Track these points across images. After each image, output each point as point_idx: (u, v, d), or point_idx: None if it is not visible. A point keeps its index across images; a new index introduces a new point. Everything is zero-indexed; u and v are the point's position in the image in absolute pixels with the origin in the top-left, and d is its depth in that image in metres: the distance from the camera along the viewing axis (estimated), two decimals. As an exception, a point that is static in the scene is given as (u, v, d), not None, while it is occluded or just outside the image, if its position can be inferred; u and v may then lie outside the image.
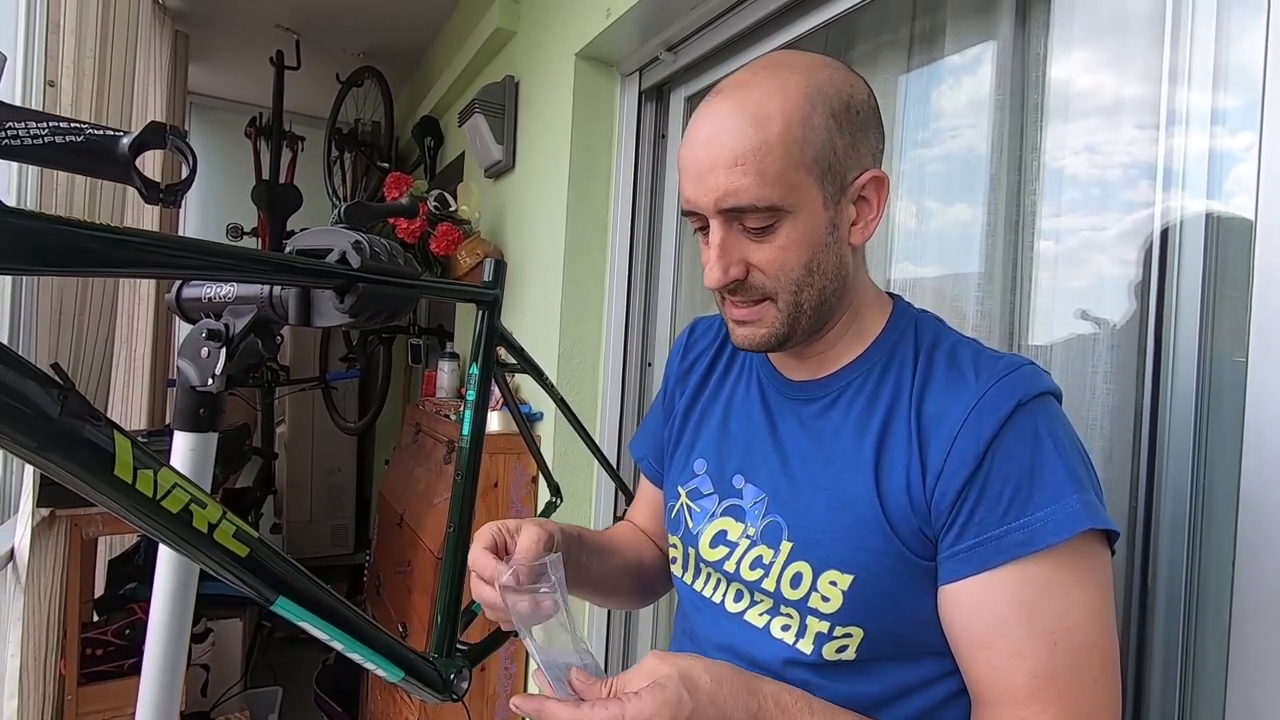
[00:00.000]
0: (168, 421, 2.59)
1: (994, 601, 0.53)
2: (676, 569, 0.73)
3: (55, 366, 0.39)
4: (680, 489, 0.73)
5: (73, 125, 0.38)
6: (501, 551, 0.63)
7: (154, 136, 0.40)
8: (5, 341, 1.41)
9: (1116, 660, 0.53)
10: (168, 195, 0.40)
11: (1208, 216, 0.77)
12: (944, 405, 0.57)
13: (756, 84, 0.57)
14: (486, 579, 0.60)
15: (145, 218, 2.31)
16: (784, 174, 0.55)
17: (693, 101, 1.64)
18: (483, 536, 0.64)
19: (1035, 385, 0.55)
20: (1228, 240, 0.76)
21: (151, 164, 2.28)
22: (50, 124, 0.38)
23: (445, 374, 2.22)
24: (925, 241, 1.13)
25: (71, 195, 1.37)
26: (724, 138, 0.56)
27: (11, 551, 1.36)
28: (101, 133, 0.39)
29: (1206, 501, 0.75)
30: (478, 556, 0.62)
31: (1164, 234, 0.80)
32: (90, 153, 0.39)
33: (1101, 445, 0.84)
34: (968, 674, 0.55)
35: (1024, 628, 0.52)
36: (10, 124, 0.36)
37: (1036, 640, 0.51)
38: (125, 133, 0.40)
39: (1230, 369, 0.74)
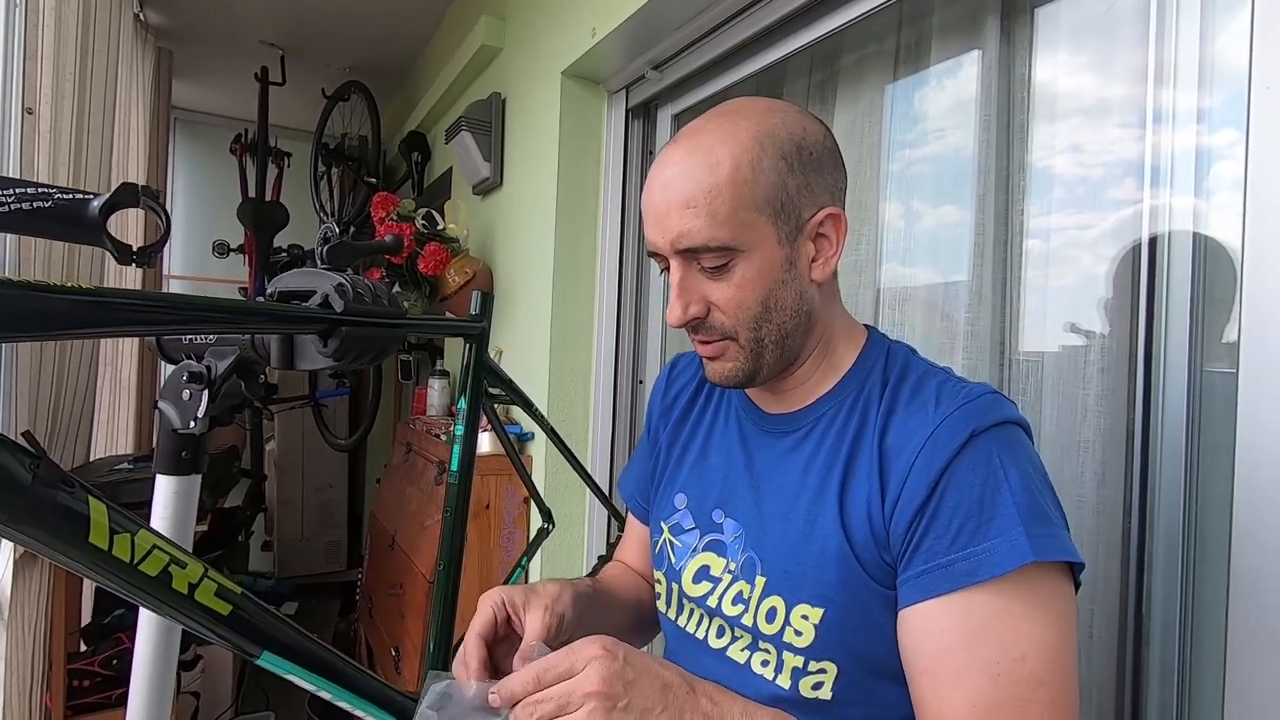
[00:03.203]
0: (154, 443, 2.56)
1: (940, 628, 0.53)
2: (661, 604, 0.73)
3: (27, 435, 0.38)
4: (663, 524, 0.73)
5: (40, 190, 0.37)
6: (500, 628, 0.61)
7: (126, 197, 0.39)
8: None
9: (1069, 699, 0.51)
10: (140, 257, 0.39)
11: (1195, 218, 0.77)
12: (904, 435, 0.57)
13: (708, 131, 0.60)
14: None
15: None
16: (735, 214, 0.57)
17: (680, 119, 1.64)
18: (481, 613, 0.60)
19: (993, 414, 0.55)
20: (1216, 248, 0.75)
21: (130, 217, 2.20)
22: (16, 190, 0.37)
23: (435, 391, 2.21)
24: (915, 254, 1.13)
25: (50, 254, 1.34)
26: (678, 182, 0.59)
27: (-7, 587, 1.34)
28: (71, 196, 0.38)
29: (1200, 524, 0.74)
30: (471, 649, 0.59)
31: (1152, 243, 0.80)
32: (59, 218, 0.38)
33: (1094, 469, 0.84)
34: (914, 699, 0.55)
35: (966, 656, 0.52)
36: (-25, 193, 0.35)
37: (978, 670, 0.51)
38: (95, 195, 0.39)
39: (1221, 382, 0.74)
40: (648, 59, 1.53)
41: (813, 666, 0.58)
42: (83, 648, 1.79)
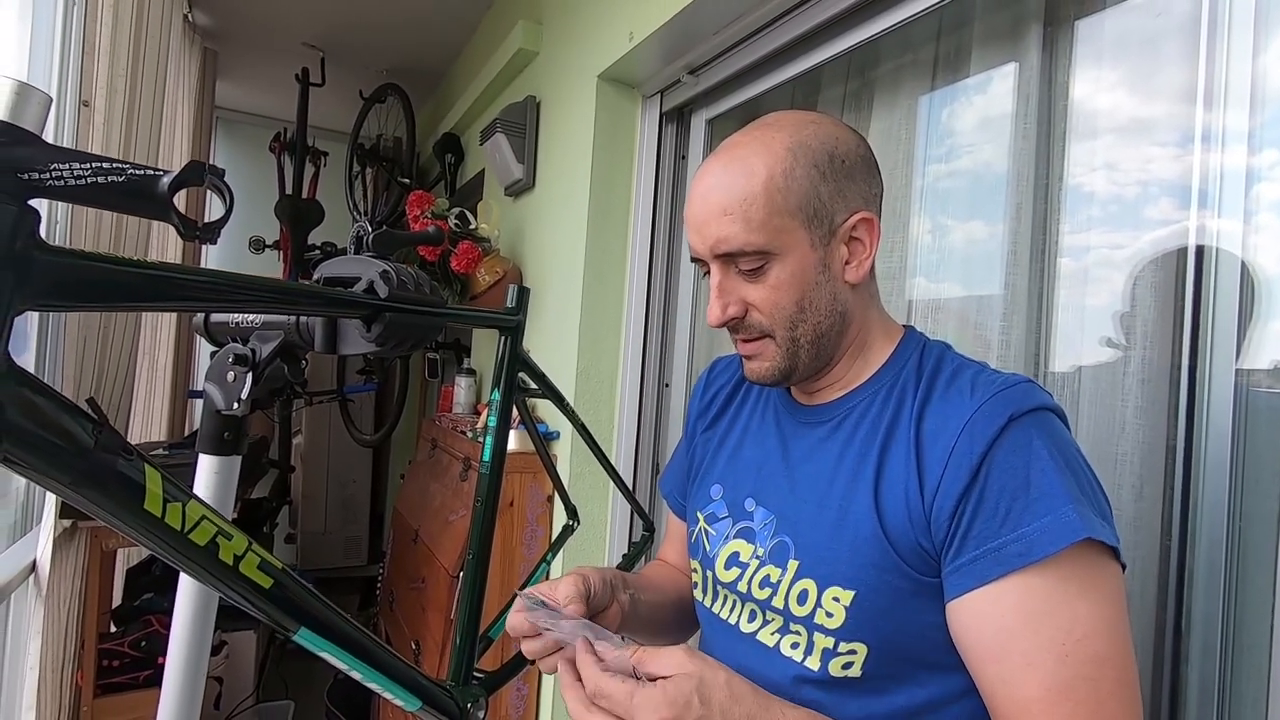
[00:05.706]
0: (187, 433, 2.61)
1: (1000, 613, 0.53)
2: (698, 593, 0.76)
3: (90, 401, 0.40)
4: (699, 514, 0.76)
5: (114, 165, 0.39)
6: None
7: (193, 175, 0.40)
8: (33, 349, 1.41)
9: (1132, 675, 0.52)
10: (205, 233, 0.40)
11: (1244, 242, 0.75)
12: (941, 422, 0.58)
13: (744, 143, 0.64)
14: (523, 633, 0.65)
15: (170, 244, 2.34)
16: (769, 220, 0.61)
17: (714, 124, 1.64)
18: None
19: (1029, 400, 0.56)
20: (1264, 269, 0.74)
21: (181, 197, 2.30)
22: (93, 164, 0.38)
23: (462, 389, 2.23)
24: (950, 267, 1.12)
25: (99, 229, 1.39)
26: (716, 192, 0.63)
27: (33, 564, 1.37)
28: (142, 172, 0.40)
29: (1244, 542, 0.73)
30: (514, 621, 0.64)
31: (1198, 262, 0.79)
32: (131, 192, 0.39)
33: (1132, 481, 0.83)
34: (982, 688, 0.55)
35: (1032, 638, 0.52)
36: (55, 165, 0.37)
37: (1045, 651, 0.51)
38: (165, 171, 0.40)
39: (1268, 401, 0.73)
40: (684, 63, 1.53)
41: (843, 648, 0.60)
42: (113, 629, 1.83)
